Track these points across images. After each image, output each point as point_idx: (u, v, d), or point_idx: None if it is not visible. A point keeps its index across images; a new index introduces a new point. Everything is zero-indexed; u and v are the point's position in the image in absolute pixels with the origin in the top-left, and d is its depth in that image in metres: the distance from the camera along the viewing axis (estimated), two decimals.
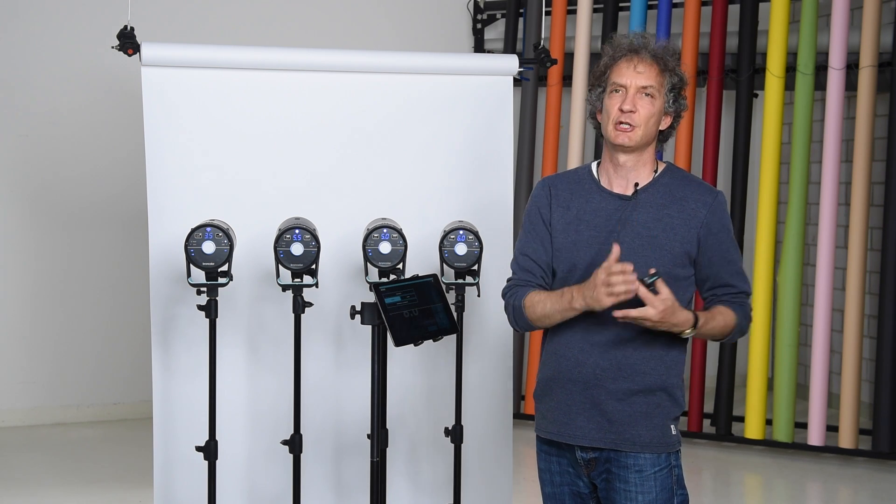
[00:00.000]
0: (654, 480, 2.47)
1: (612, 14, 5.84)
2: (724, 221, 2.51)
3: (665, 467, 2.49)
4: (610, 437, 2.48)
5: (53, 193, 5.77)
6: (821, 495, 5.00)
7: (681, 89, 2.54)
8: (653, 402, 2.48)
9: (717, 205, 2.50)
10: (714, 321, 2.46)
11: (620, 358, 2.47)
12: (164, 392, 3.56)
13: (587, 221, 2.52)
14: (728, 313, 2.49)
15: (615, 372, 2.47)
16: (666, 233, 2.47)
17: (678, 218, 2.47)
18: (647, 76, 2.47)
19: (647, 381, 2.47)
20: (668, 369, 2.49)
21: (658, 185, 2.51)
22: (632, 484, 2.47)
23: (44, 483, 4.77)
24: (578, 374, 2.49)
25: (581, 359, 2.49)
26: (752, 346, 5.38)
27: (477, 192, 3.77)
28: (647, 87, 2.46)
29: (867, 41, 5.19)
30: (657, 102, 2.48)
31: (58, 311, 5.80)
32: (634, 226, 2.47)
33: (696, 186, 2.53)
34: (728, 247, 2.52)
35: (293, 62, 3.68)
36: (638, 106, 2.46)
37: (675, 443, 2.52)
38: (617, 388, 2.47)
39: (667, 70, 2.51)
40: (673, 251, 2.46)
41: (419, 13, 6.36)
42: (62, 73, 5.73)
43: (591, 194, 2.54)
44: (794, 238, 5.32)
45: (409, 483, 3.77)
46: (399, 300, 2.78)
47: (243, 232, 3.46)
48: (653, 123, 2.48)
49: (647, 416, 2.47)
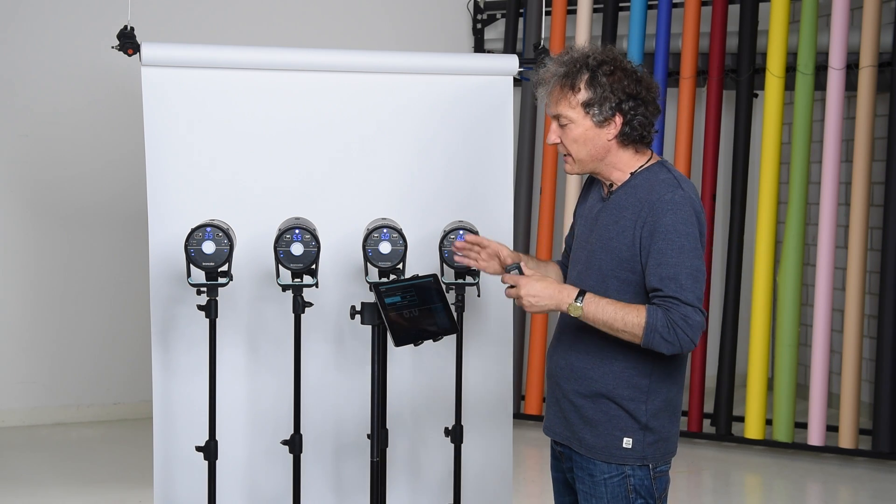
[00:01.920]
0: (604, 486, 2.45)
1: (612, 14, 5.84)
2: (664, 220, 2.34)
3: (617, 476, 2.44)
4: (566, 433, 2.53)
5: (53, 193, 5.77)
6: (821, 495, 5.00)
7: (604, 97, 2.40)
8: (599, 408, 2.45)
9: (663, 204, 2.35)
10: (609, 307, 2.34)
11: (573, 359, 2.50)
12: (164, 392, 3.56)
13: (583, 218, 2.61)
14: (637, 309, 2.33)
15: (568, 373, 2.51)
16: (618, 236, 2.43)
17: (629, 220, 2.41)
18: (555, 105, 2.47)
19: (593, 387, 2.46)
20: (616, 379, 2.43)
21: (629, 186, 2.47)
22: (586, 485, 2.48)
23: (44, 483, 4.77)
24: (549, 369, 2.60)
25: (550, 354, 2.61)
26: (752, 346, 5.38)
27: (477, 192, 3.77)
28: (557, 116, 2.48)
29: (867, 41, 5.19)
30: (576, 126, 2.44)
31: (58, 311, 5.80)
32: (599, 228, 2.49)
33: (657, 187, 2.40)
34: (663, 248, 2.33)
35: (293, 62, 3.68)
36: (560, 135, 2.49)
37: (627, 456, 2.43)
38: (569, 389, 2.51)
39: (573, 89, 2.43)
40: (621, 255, 2.41)
41: (419, 13, 6.36)
42: (62, 72, 5.73)
43: (592, 192, 2.62)
44: (794, 238, 5.32)
45: (409, 483, 3.77)
46: (399, 300, 2.78)
47: (243, 232, 3.46)
48: (581, 146, 2.45)
49: (592, 423, 2.46)
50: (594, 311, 2.36)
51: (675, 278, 2.32)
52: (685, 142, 5.57)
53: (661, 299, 2.33)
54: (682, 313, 2.31)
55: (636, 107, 2.44)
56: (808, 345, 6.00)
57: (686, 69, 5.56)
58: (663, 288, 2.33)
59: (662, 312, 2.32)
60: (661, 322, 2.31)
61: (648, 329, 2.31)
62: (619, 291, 2.42)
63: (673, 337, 2.31)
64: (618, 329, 2.35)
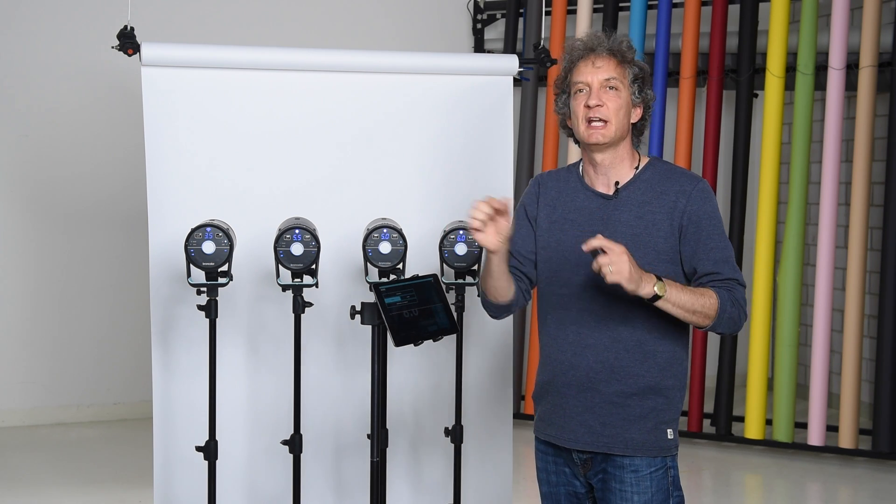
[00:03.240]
0: (649, 481, 2.46)
1: (612, 14, 5.84)
2: (705, 208, 2.44)
3: (661, 468, 2.48)
4: (603, 440, 2.48)
5: (53, 193, 5.77)
6: (821, 495, 5.00)
7: (644, 80, 2.51)
8: (647, 404, 2.46)
9: (697, 192, 2.45)
10: (685, 291, 2.36)
11: (613, 360, 2.46)
12: (164, 392, 3.56)
13: (572, 220, 2.53)
14: (707, 292, 2.39)
15: (608, 374, 2.46)
16: (649, 230, 2.44)
17: (660, 213, 2.44)
18: (607, 69, 2.46)
19: (640, 383, 2.45)
20: (663, 371, 2.46)
21: (639, 181, 2.49)
22: (627, 484, 2.46)
23: (44, 483, 4.77)
24: (573, 377, 2.50)
25: (574, 362, 2.49)
26: (752, 346, 5.38)
27: (477, 192, 3.74)
28: (609, 79, 2.46)
29: (867, 41, 5.19)
30: (623, 94, 2.47)
31: (58, 311, 5.80)
32: (617, 225, 2.46)
33: (677, 177, 2.48)
34: (711, 234, 2.44)
35: (293, 62, 3.68)
36: (604, 99, 2.45)
37: (671, 446, 2.49)
38: (610, 391, 2.46)
39: (625, 62, 2.48)
40: (657, 247, 2.44)
41: (419, 13, 6.36)
42: (62, 73, 5.73)
43: (576, 193, 2.55)
44: (794, 238, 5.32)
45: (409, 483, 3.77)
46: (399, 300, 2.78)
47: (243, 232, 3.46)
48: (623, 115, 2.47)
49: (641, 419, 2.46)
50: (675, 296, 2.36)
51: (728, 261, 2.44)
52: (685, 142, 5.57)
53: (722, 281, 2.43)
54: (741, 293, 2.45)
55: (651, 102, 2.55)
56: (808, 345, 6.00)
57: (686, 69, 5.56)
58: (721, 271, 2.43)
59: (728, 294, 2.41)
60: (729, 302, 2.40)
61: (721, 310, 2.39)
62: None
63: (737, 314, 2.42)
64: (694, 311, 2.38)
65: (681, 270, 2.46)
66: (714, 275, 2.43)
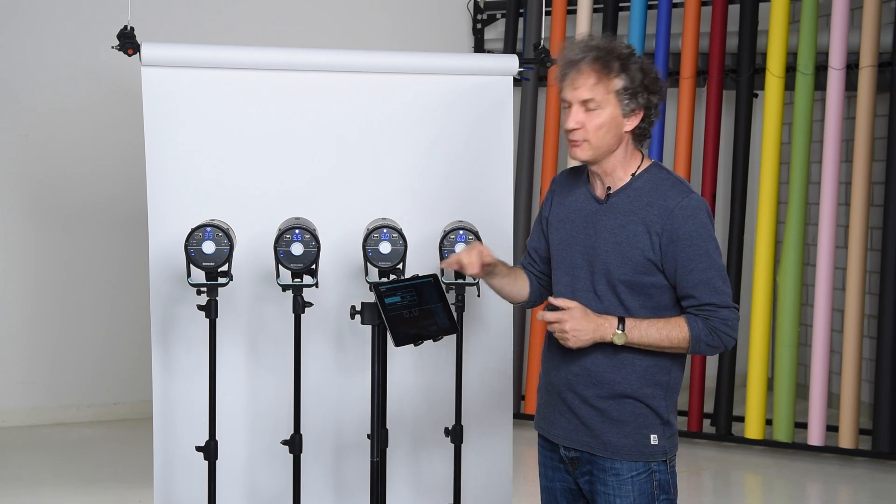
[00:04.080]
0: (631, 485, 2.45)
1: (612, 14, 5.84)
2: (686, 227, 2.38)
3: (644, 472, 2.46)
4: (587, 440, 2.49)
5: (53, 193, 5.77)
6: (821, 495, 5.00)
7: (636, 89, 2.41)
8: (625, 409, 2.45)
9: (680, 210, 2.38)
10: (653, 327, 2.38)
11: (589, 365, 2.47)
12: (164, 392, 3.56)
13: (571, 220, 2.55)
14: (679, 324, 2.39)
15: (585, 378, 2.48)
16: (629, 240, 2.42)
17: (641, 225, 2.41)
18: (585, 89, 2.40)
19: (616, 389, 2.45)
20: (642, 378, 2.45)
21: (630, 189, 2.46)
22: (610, 486, 2.47)
23: (44, 483, 4.77)
24: (556, 377, 2.55)
25: (557, 362, 2.54)
26: (752, 346, 5.38)
27: (477, 192, 3.77)
28: (586, 101, 2.41)
29: (867, 41, 5.19)
30: (604, 111, 2.41)
31: (58, 311, 5.80)
32: (603, 231, 2.46)
33: (666, 190, 2.42)
34: (690, 255, 2.37)
35: (293, 62, 3.68)
36: (582, 119, 2.42)
37: (655, 452, 2.46)
38: (588, 394, 2.48)
39: (609, 74, 2.40)
40: (633, 259, 2.41)
41: (419, 13, 6.36)
42: (62, 73, 5.73)
43: (579, 193, 2.56)
44: (794, 238, 5.32)
45: (409, 483, 3.77)
46: (399, 300, 2.78)
47: (243, 232, 3.46)
48: (605, 132, 2.42)
49: (620, 423, 2.46)
50: (638, 337, 2.39)
51: (708, 283, 2.38)
52: (685, 142, 5.57)
53: (698, 308, 2.40)
54: (721, 317, 2.39)
55: (653, 105, 2.47)
56: (808, 345, 6.00)
57: (686, 69, 5.56)
58: (697, 295, 2.39)
59: (702, 322, 2.39)
60: (704, 331, 2.39)
61: (693, 341, 2.39)
62: (630, 295, 2.43)
63: (716, 341, 2.40)
64: (664, 348, 2.41)
65: (664, 282, 2.43)
66: (690, 299, 2.40)
